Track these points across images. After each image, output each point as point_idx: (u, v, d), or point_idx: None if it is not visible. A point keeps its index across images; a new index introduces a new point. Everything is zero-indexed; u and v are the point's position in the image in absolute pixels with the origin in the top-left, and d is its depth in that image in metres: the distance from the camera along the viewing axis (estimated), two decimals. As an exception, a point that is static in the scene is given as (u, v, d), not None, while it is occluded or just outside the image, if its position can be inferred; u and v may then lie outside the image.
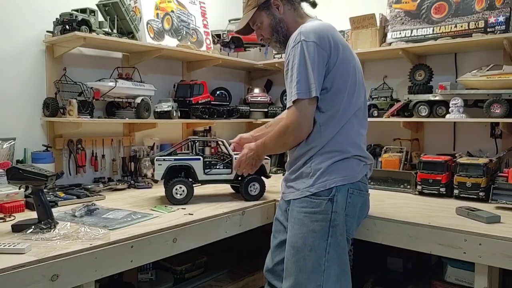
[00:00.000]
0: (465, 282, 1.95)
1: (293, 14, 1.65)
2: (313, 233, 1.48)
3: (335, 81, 1.48)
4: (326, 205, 1.47)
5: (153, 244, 1.48)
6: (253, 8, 1.65)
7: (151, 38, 2.48)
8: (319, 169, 1.49)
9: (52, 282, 1.19)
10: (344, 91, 1.49)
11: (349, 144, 1.52)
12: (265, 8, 1.63)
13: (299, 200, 1.53)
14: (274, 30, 1.65)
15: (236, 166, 1.78)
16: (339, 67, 1.47)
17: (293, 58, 1.47)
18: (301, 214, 1.52)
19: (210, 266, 2.42)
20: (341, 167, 1.50)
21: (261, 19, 1.66)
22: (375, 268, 2.43)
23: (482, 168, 1.98)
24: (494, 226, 1.56)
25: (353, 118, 1.53)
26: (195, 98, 2.71)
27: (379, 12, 2.63)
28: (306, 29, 1.47)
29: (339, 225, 1.48)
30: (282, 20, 1.63)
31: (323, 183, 1.48)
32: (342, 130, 1.51)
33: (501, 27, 2.17)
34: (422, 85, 2.44)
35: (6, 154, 2.01)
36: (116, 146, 2.53)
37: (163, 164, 1.87)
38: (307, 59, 1.43)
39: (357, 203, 1.53)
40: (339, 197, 1.48)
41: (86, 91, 2.27)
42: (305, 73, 1.43)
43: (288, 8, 1.64)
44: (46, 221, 1.46)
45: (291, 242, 1.54)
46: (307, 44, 1.44)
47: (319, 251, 1.46)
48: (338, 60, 1.47)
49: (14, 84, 2.13)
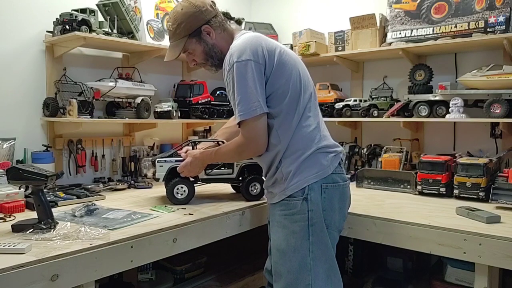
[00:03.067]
0: (465, 282, 1.95)
1: (224, 35, 1.63)
2: (294, 234, 1.49)
3: (276, 85, 1.49)
4: (301, 205, 1.48)
5: (153, 244, 1.48)
6: (183, 37, 1.60)
7: (151, 38, 2.48)
8: (289, 172, 1.51)
9: (52, 282, 1.19)
10: (288, 91, 1.51)
11: (309, 139, 1.53)
12: (196, 35, 1.60)
13: (278, 204, 1.55)
14: (208, 56, 1.63)
15: (179, 170, 1.82)
16: (276, 71, 1.49)
17: (231, 81, 1.47)
18: (281, 217, 1.53)
19: (210, 266, 2.42)
20: (310, 165, 1.51)
21: (193, 47, 1.62)
22: (375, 268, 2.43)
23: (482, 168, 1.98)
24: (494, 226, 1.56)
25: (306, 113, 1.54)
26: (195, 98, 2.71)
27: (379, 12, 2.63)
28: (236, 49, 1.47)
29: (317, 223, 1.49)
30: (215, 45, 1.61)
31: (295, 184, 1.50)
32: (298, 128, 1.52)
33: (501, 27, 2.17)
34: (422, 85, 2.44)
35: (6, 154, 2.01)
36: (116, 146, 2.53)
37: (165, 165, 1.88)
38: (243, 79, 1.44)
39: (333, 196, 1.52)
40: (313, 195, 1.49)
41: (86, 91, 2.27)
42: (245, 93, 1.44)
43: (219, 32, 1.62)
44: (46, 221, 1.46)
45: (276, 245, 1.55)
46: (240, 64, 1.44)
47: (302, 251, 1.48)
48: (274, 65, 1.48)
49: (14, 84, 2.13)
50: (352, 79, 2.97)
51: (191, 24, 1.59)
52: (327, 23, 3.01)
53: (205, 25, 1.59)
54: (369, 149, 2.66)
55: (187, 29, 1.59)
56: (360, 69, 2.94)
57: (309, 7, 3.21)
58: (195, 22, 1.59)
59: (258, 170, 2.03)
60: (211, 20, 1.60)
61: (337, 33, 2.79)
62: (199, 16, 1.58)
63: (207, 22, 1.59)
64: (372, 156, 2.65)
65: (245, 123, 1.48)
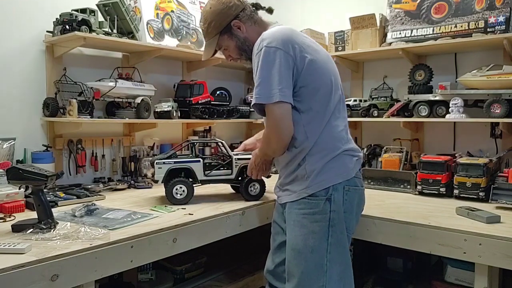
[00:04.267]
0: (465, 282, 1.95)
1: (255, 28, 1.63)
2: (313, 234, 1.47)
3: (307, 80, 1.47)
4: (324, 205, 1.47)
5: (153, 244, 1.48)
6: (215, 35, 1.63)
7: (151, 38, 2.48)
8: (314, 170, 1.49)
9: (52, 282, 1.19)
10: (320, 88, 1.49)
11: (337, 140, 1.52)
12: (227, 31, 1.62)
13: (296, 202, 1.52)
14: (241, 50, 1.64)
15: (249, 173, 1.82)
16: (308, 67, 1.46)
17: (257, 64, 1.46)
18: (299, 215, 1.51)
19: (210, 266, 2.42)
20: (335, 165, 1.50)
21: (226, 43, 1.64)
22: (375, 268, 2.43)
23: (482, 168, 1.98)
24: (494, 226, 1.56)
25: (335, 113, 1.53)
26: (195, 98, 2.71)
27: (379, 12, 2.64)
28: (267, 35, 1.46)
29: (338, 224, 1.47)
30: (247, 38, 1.61)
31: (319, 183, 1.48)
32: (327, 127, 1.50)
33: (501, 27, 2.17)
34: (422, 85, 2.44)
35: (6, 154, 2.01)
36: (116, 146, 2.53)
37: (163, 167, 1.88)
38: (269, 64, 1.42)
39: (353, 199, 1.52)
40: (336, 195, 1.47)
41: (86, 91, 2.27)
42: (267, 78, 1.42)
43: (250, 25, 1.62)
44: (46, 221, 1.46)
45: (291, 244, 1.53)
46: (269, 49, 1.42)
47: (320, 252, 1.46)
48: (306, 61, 1.46)
49: (14, 84, 2.13)
50: (352, 79, 2.97)
51: (221, 21, 1.61)
52: (327, 23, 3.01)
53: (234, 20, 1.60)
54: (369, 149, 2.66)
55: (217, 26, 1.62)
56: (360, 69, 2.94)
57: (309, 7, 3.21)
58: (224, 18, 1.61)
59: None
60: (239, 14, 1.61)
61: (337, 33, 2.79)
62: (227, 12, 1.60)
63: (236, 16, 1.61)
64: (372, 156, 2.64)
65: (267, 110, 1.45)
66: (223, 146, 2.03)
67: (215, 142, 1.89)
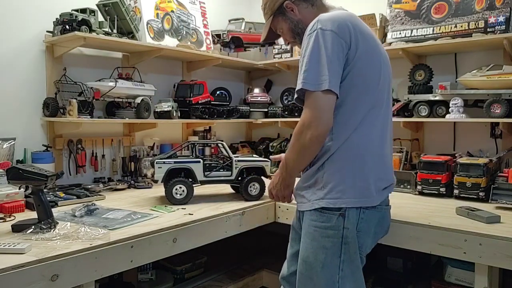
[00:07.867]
0: (465, 282, 1.95)
1: (311, 11, 1.52)
2: (324, 250, 1.36)
3: (351, 75, 1.33)
4: (337, 220, 1.34)
5: (153, 244, 1.48)
6: (270, 16, 1.58)
7: (151, 38, 2.48)
8: (330, 183, 1.35)
9: (52, 282, 1.19)
10: (359, 85, 1.34)
11: (366, 149, 1.35)
12: (281, 13, 1.55)
13: (309, 213, 1.40)
14: (294, 33, 1.56)
15: (271, 197, 1.60)
16: (358, 60, 1.33)
17: (306, 46, 1.33)
18: (311, 227, 1.39)
19: (210, 266, 2.42)
20: (356, 185, 1.34)
21: (280, 25, 1.58)
22: (375, 268, 2.43)
23: (482, 168, 1.98)
24: (494, 226, 1.56)
25: (371, 118, 1.36)
26: (195, 98, 2.71)
27: (379, 12, 2.63)
28: (324, 18, 1.34)
29: (351, 242, 1.35)
30: (300, 21, 1.53)
31: (333, 200, 1.34)
32: (357, 133, 1.34)
33: (501, 27, 2.17)
34: (422, 85, 2.44)
35: (6, 154, 2.01)
36: (116, 146, 2.53)
37: (163, 167, 1.88)
38: (321, 48, 1.29)
39: (371, 219, 1.38)
40: (350, 212, 1.34)
41: (86, 91, 2.27)
42: (317, 63, 1.29)
43: (305, 7, 1.53)
44: (46, 221, 1.46)
45: (303, 256, 1.43)
46: (323, 32, 1.30)
47: (332, 269, 1.35)
48: (358, 52, 1.32)
49: (14, 84, 2.13)
50: (352, 79, 2.97)
51: (274, 2, 1.56)
52: (327, 23, 3.00)
53: (287, 1, 1.54)
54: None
55: (271, 7, 1.57)
56: (360, 69, 2.93)
57: None
58: None
59: (257, 171, 2.03)
60: None
61: (337, 33, 2.78)
62: None
63: None
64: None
65: (310, 96, 1.30)
66: (223, 147, 2.03)
67: (215, 143, 1.89)
